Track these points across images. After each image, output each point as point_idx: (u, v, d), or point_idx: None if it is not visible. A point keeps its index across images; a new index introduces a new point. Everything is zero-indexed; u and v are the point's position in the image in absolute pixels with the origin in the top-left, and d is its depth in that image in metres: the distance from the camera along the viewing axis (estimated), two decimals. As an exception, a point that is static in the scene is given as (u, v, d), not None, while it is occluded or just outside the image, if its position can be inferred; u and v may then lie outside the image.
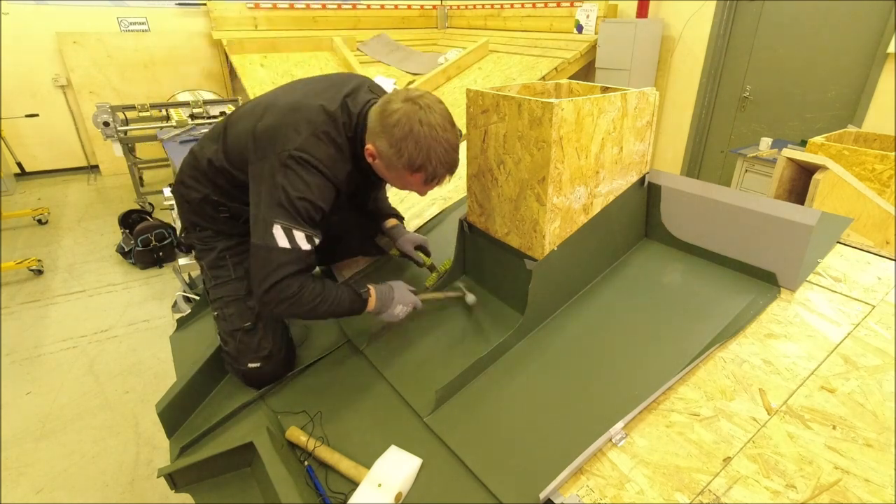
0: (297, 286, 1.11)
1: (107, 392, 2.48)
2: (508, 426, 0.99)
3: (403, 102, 1.08)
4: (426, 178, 1.12)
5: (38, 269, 3.61)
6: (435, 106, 1.09)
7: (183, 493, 1.12)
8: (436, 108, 1.09)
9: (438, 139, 1.07)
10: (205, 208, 1.34)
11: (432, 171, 1.10)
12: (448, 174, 1.14)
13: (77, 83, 5.43)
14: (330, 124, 1.14)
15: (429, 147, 1.07)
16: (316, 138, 1.12)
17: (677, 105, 4.62)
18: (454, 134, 1.11)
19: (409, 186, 1.18)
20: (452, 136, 1.11)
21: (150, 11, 5.67)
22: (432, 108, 1.08)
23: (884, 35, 3.25)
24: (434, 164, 1.09)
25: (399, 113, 1.06)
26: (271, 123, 1.15)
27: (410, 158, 1.07)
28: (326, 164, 1.12)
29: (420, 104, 1.07)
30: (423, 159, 1.07)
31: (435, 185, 1.16)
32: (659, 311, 1.14)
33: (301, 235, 1.11)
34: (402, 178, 1.15)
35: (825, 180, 1.58)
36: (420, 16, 7.08)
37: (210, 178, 1.29)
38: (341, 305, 1.18)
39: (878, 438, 0.79)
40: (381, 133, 1.09)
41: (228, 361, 1.34)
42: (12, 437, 2.22)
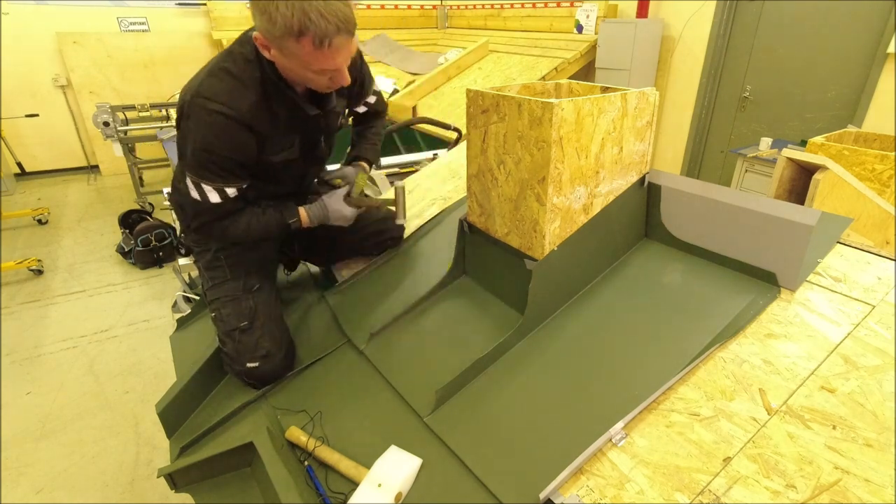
0: (219, 230, 1.20)
1: (107, 392, 2.48)
2: (508, 426, 0.99)
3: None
4: (314, 41, 0.96)
5: (38, 269, 3.61)
6: None
7: (183, 493, 1.12)
8: None
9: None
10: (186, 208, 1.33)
11: (317, 29, 0.95)
12: (342, 33, 0.98)
13: (77, 83, 5.43)
14: (227, 59, 1.09)
15: (300, 3, 0.93)
16: (211, 77, 1.07)
17: (677, 105, 4.62)
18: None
19: (309, 66, 1.02)
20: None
21: (150, 11, 5.67)
22: None
23: (884, 35, 3.25)
24: (314, 17, 0.94)
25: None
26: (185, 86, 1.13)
27: (285, 21, 0.94)
28: (224, 101, 1.05)
29: None
30: (298, 16, 0.93)
31: (332, 52, 1.00)
32: (659, 311, 1.14)
33: (209, 188, 1.11)
34: (295, 57, 1.01)
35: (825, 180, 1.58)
36: (420, 16, 7.08)
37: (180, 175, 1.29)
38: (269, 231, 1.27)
39: (878, 438, 0.79)
40: (255, 11, 0.98)
41: (227, 362, 1.34)
42: (12, 437, 2.22)
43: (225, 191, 1.14)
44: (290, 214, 1.29)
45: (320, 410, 1.18)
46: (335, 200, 1.34)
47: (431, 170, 2.14)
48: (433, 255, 1.58)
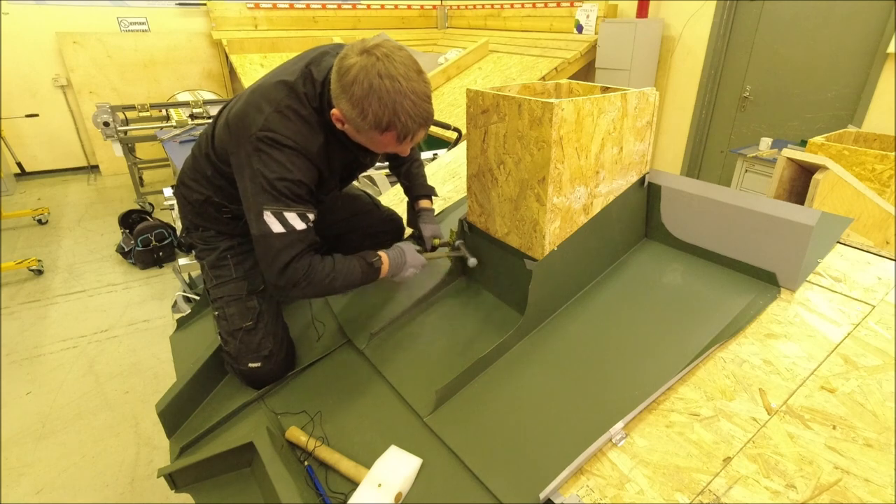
0: (305, 266, 1.11)
1: (107, 392, 2.48)
2: (508, 426, 0.99)
3: (359, 56, 0.97)
4: (399, 136, 1.02)
5: (38, 269, 3.61)
6: (395, 54, 0.98)
7: (183, 493, 1.12)
8: (396, 57, 0.98)
9: (403, 91, 0.97)
10: (207, 209, 1.34)
11: (403, 128, 1.00)
12: (422, 128, 1.04)
13: (77, 83, 5.43)
14: (292, 97, 1.09)
15: (394, 102, 0.96)
16: (279, 114, 1.07)
17: (677, 105, 4.62)
18: (421, 82, 1.00)
19: (386, 148, 1.09)
20: (420, 84, 1.00)
21: (150, 11, 5.67)
22: (392, 56, 0.97)
23: (884, 35, 3.25)
24: (403, 119, 0.99)
25: (356, 69, 0.96)
26: (237, 110, 1.12)
27: (376, 118, 0.98)
28: (295, 139, 1.07)
29: (377, 55, 0.96)
30: (390, 116, 0.97)
31: (411, 142, 1.07)
32: (659, 311, 1.14)
33: (293, 216, 1.09)
34: (374, 141, 1.06)
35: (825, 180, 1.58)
36: (420, 16, 7.08)
37: (210, 179, 1.29)
38: (354, 277, 1.18)
39: (878, 438, 0.79)
40: (341, 94, 1.00)
41: (228, 361, 1.34)
42: (12, 437, 2.22)
43: (307, 216, 1.11)
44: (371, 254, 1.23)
45: (320, 410, 1.18)
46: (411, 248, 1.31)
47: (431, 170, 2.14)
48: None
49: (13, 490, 1.97)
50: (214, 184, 1.29)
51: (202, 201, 1.32)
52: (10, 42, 5.14)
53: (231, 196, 1.29)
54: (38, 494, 1.95)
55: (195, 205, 1.34)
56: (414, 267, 1.28)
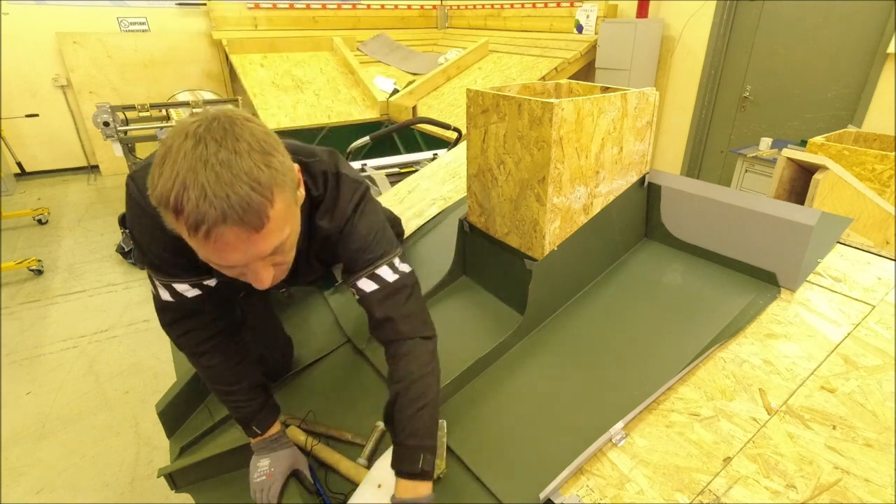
0: (174, 335, 0.98)
1: (107, 392, 2.48)
2: (508, 426, 0.99)
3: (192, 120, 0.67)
4: (188, 222, 0.64)
5: (38, 269, 3.61)
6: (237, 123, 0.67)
7: (183, 493, 1.12)
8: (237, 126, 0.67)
9: (209, 161, 0.63)
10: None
11: (193, 209, 0.63)
12: (231, 223, 0.64)
13: (77, 83, 5.43)
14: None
15: (189, 169, 0.63)
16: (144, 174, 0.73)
17: (677, 105, 4.62)
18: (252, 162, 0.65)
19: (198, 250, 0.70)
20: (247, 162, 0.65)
21: (150, 11, 5.67)
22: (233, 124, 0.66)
23: (884, 35, 3.25)
24: (194, 196, 0.62)
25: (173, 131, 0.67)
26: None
27: (163, 190, 0.63)
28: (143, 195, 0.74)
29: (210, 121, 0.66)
30: (178, 189, 0.63)
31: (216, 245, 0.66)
32: (659, 311, 1.14)
33: (158, 283, 0.91)
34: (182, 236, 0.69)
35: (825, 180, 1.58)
36: (420, 16, 7.08)
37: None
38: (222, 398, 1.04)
39: (878, 438, 0.79)
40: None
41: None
42: (12, 437, 2.22)
43: (174, 287, 0.90)
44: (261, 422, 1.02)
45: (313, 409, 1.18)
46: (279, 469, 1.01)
47: (431, 170, 2.14)
48: (433, 255, 1.58)
49: (13, 490, 1.97)
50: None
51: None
52: (10, 42, 5.14)
53: None
54: (38, 494, 1.95)
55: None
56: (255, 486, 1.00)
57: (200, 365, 1.00)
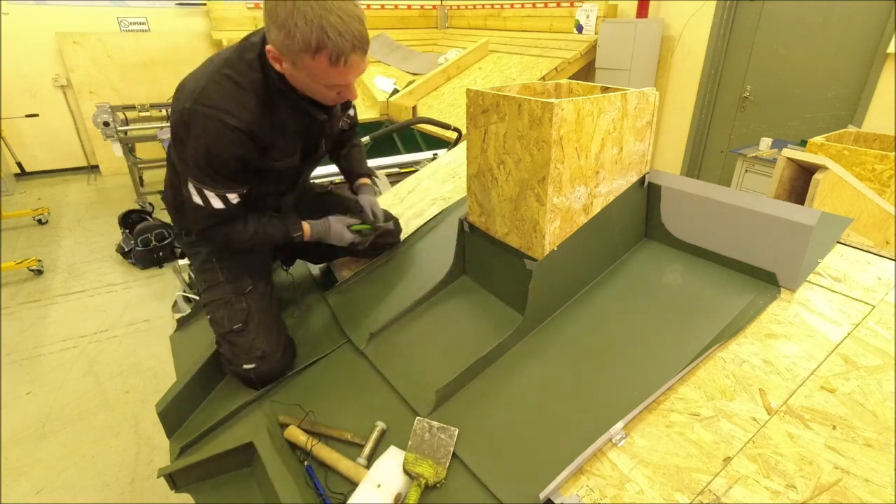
0: (221, 234, 1.22)
1: (107, 392, 2.48)
2: (508, 426, 0.99)
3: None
4: (331, 57, 0.98)
5: (38, 269, 3.61)
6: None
7: (183, 493, 1.12)
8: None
9: (329, 7, 0.94)
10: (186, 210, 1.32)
11: (335, 47, 0.96)
12: (357, 51, 1.00)
13: (77, 83, 5.43)
14: (227, 65, 1.08)
15: (321, 18, 0.94)
16: (212, 83, 1.06)
17: (677, 105, 4.62)
18: (351, 2, 0.98)
19: (322, 80, 1.05)
20: (348, 3, 0.97)
21: (150, 11, 5.67)
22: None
23: (884, 35, 3.25)
24: (333, 36, 0.95)
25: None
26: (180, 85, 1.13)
27: (303, 37, 0.95)
28: (225, 109, 1.05)
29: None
30: (317, 33, 0.94)
31: (346, 69, 1.02)
32: (659, 311, 1.14)
33: (212, 195, 1.13)
34: (308, 71, 1.02)
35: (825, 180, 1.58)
36: (420, 16, 7.08)
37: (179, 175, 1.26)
38: (272, 242, 1.32)
39: (878, 438, 0.79)
40: (269, 25, 0.99)
41: (225, 363, 1.34)
42: (12, 437, 2.22)
43: (227, 196, 1.14)
44: (295, 227, 1.32)
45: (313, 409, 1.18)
46: (339, 224, 1.41)
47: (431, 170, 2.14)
48: (433, 255, 1.58)
49: (13, 490, 1.97)
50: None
51: (181, 202, 1.30)
52: (10, 42, 5.14)
53: None
54: (38, 494, 1.95)
55: (177, 207, 1.34)
56: (338, 241, 1.40)
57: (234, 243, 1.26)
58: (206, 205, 1.14)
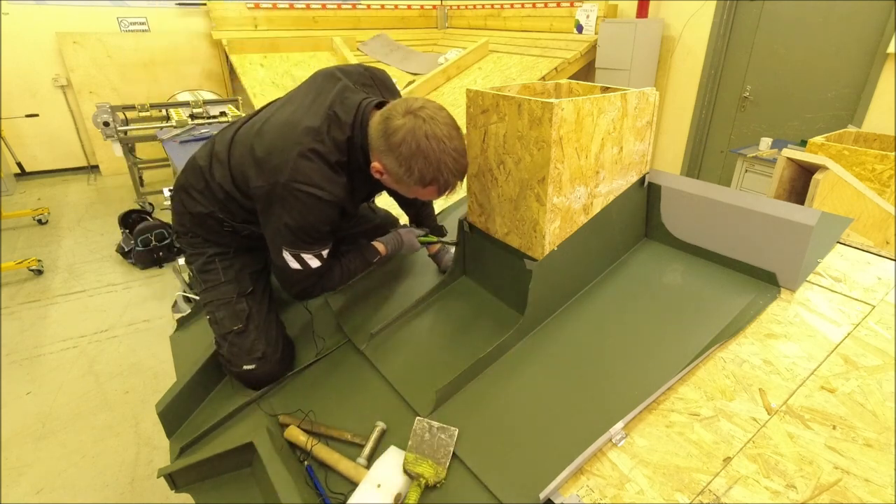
0: (318, 289, 1.29)
1: (107, 392, 2.48)
2: (508, 426, 0.99)
3: (405, 117, 1.05)
4: (439, 190, 1.12)
5: (38, 269, 3.61)
6: (438, 115, 1.07)
7: (183, 493, 1.12)
8: (439, 118, 1.07)
9: (447, 151, 1.06)
10: (207, 221, 1.33)
11: (444, 183, 1.10)
12: (460, 180, 1.14)
13: (77, 83, 5.43)
14: (317, 141, 1.12)
15: (438, 161, 1.05)
16: (304, 159, 1.10)
17: (677, 105, 4.62)
18: (461, 140, 1.10)
19: (422, 196, 1.17)
20: (459, 143, 1.09)
21: (150, 11, 5.67)
22: (436, 118, 1.06)
23: (884, 35, 3.25)
24: (446, 175, 1.08)
25: (403, 130, 1.04)
26: (264, 149, 1.15)
27: (422, 175, 1.07)
28: (320, 185, 1.11)
29: (423, 116, 1.05)
30: (434, 173, 1.07)
31: (449, 193, 1.16)
32: (659, 311, 1.14)
33: (309, 256, 1.18)
34: (413, 191, 1.15)
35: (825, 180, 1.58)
36: (420, 16, 7.08)
37: (220, 199, 1.29)
38: (358, 272, 1.38)
39: (878, 438, 0.79)
40: (386, 152, 1.08)
41: (224, 364, 1.34)
42: (12, 437, 2.22)
43: (322, 254, 1.21)
44: (373, 254, 1.39)
45: (313, 409, 1.18)
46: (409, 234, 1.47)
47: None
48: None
49: (13, 490, 1.97)
50: (224, 204, 1.29)
51: (205, 214, 1.32)
52: (10, 42, 5.14)
53: (236, 215, 1.30)
54: (38, 494, 1.95)
55: (196, 216, 1.33)
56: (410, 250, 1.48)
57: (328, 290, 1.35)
58: (305, 267, 1.20)
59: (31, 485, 1.99)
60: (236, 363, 1.29)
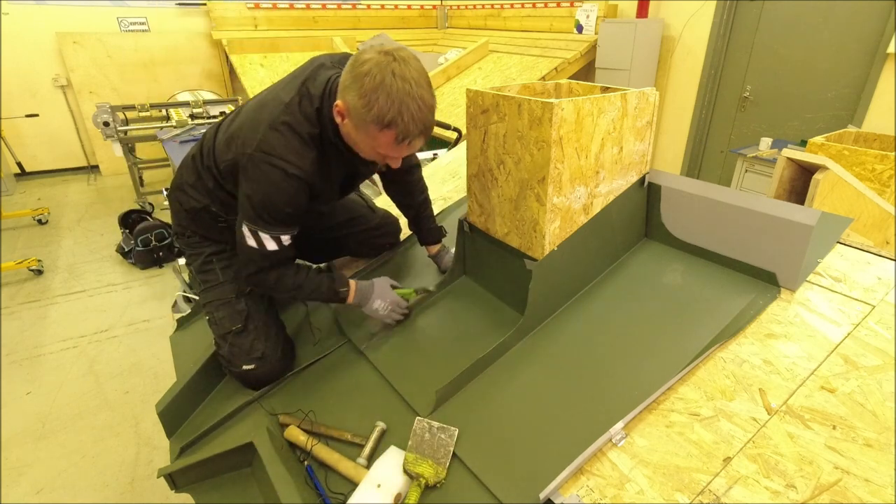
0: (272, 279, 1.22)
1: (107, 392, 2.48)
2: (508, 426, 0.99)
3: (377, 54, 1.00)
4: (397, 137, 1.03)
5: (38, 269, 3.61)
6: (411, 60, 1.01)
7: (183, 493, 1.12)
8: (411, 63, 1.01)
9: (412, 94, 0.99)
10: (203, 216, 1.33)
11: (404, 128, 1.02)
12: (421, 136, 1.07)
13: (77, 83, 5.43)
14: (287, 113, 1.10)
15: (401, 101, 0.99)
16: (273, 131, 1.09)
17: (677, 105, 4.62)
18: (429, 93, 1.04)
19: (379, 148, 1.09)
20: (427, 94, 1.03)
21: (150, 11, 5.67)
22: (408, 61, 1.00)
23: (884, 35, 3.24)
24: (406, 119, 1.01)
25: (371, 63, 0.99)
26: (235, 128, 1.16)
27: (380, 112, 0.99)
28: (285, 157, 1.09)
29: (395, 56, 0.99)
30: (394, 113, 0.99)
31: (406, 148, 1.08)
32: (659, 311, 1.14)
33: (266, 236, 1.14)
34: (371, 137, 1.06)
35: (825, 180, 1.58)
36: (420, 16, 7.08)
37: (211, 191, 1.29)
38: (318, 296, 1.28)
39: (878, 438, 0.79)
40: (350, 85, 1.02)
41: (224, 364, 1.34)
42: (12, 437, 2.22)
43: (280, 238, 1.17)
44: (342, 283, 1.29)
45: (313, 409, 1.18)
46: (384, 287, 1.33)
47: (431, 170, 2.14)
48: (433, 255, 1.58)
49: (13, 490, 1.97)
50: (215, 195, 1.29)
51: (199, 209, 1.32)
52: (10, 42, 5.14)
53: (230, 207, 1.29)
54: (38, 494, 1.95)
55: (191, 211, 1.34)
56: (382, 300, 1.30)
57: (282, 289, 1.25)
58: (261, 247, 1.16)
59: (31, 485, 1.99)
60: (236, 363, 1.29)
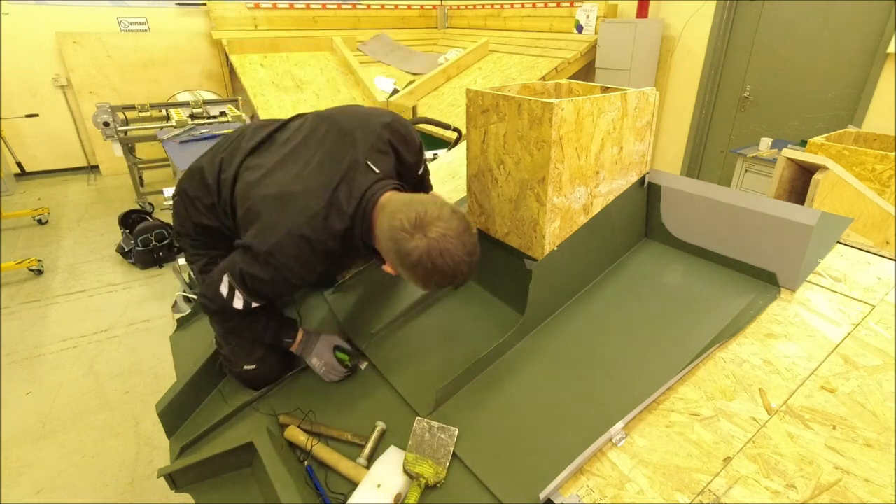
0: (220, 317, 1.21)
1: (107, 392, 2.48)
2: (508, 426, 0.99)
3: (416, 238, 0.98)
4: (455, 287, 1.08)
5: (38, 269, 3.61)
6: (451, 231, 0.99)
7: (183, 493, 1.12)
8: (451, 233, 0.98)
9: (462, 261, 1.00)
10: (214, 234, 1.31)
11: (461, 283, 1.05)
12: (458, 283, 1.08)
13: (77, 83, 5.43)
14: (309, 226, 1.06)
15: (454, 272, 1.01)
16: (290, 242, 1.05)
17: (677, 105, 4.62)
18: (471, 237, 1.02)
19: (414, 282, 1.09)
20: (471, 241, 1.01)
21: (150, 11, 5.67)
22: (448, 236, 0.98)
23: (884, 35, 3.25)
24: (461, 278, 1.03)
25: (417, 252, 0.98)
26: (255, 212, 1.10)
27: (439, 285, 1.04)
28: (292, 269, 1.08)
29: (434, 236, 0.98)
30: (450, 280, 1.03)
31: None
32: (659, 311, 1.14)
33: (239, 298, 1.13)
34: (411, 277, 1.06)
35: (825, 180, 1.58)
36: (420, 16, 7.08)
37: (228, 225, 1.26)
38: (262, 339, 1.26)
39: (878, 438, 0.79)
40: (402, 268, 1.03)
41: (224, 364, 1.34)
42: (12, 437, 2.22)
43: (251, 304, 1.15)
44: (287, 334, 1.28)
45: (313, 409, 1.18)
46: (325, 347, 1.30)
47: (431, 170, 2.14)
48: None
49: (13, 490, 1.97)
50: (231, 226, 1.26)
51: (212, 227, 1.29)
52: (10, 42, 5.14)
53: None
54: (38, 494, 1.95)
55: (199, 225, 1.30)
56: (318, 358, 1.27)
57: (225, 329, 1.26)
58: (229, 300, 1.13)
59: (31, 485, 1.99)
60: (236, 363, 1.29)
